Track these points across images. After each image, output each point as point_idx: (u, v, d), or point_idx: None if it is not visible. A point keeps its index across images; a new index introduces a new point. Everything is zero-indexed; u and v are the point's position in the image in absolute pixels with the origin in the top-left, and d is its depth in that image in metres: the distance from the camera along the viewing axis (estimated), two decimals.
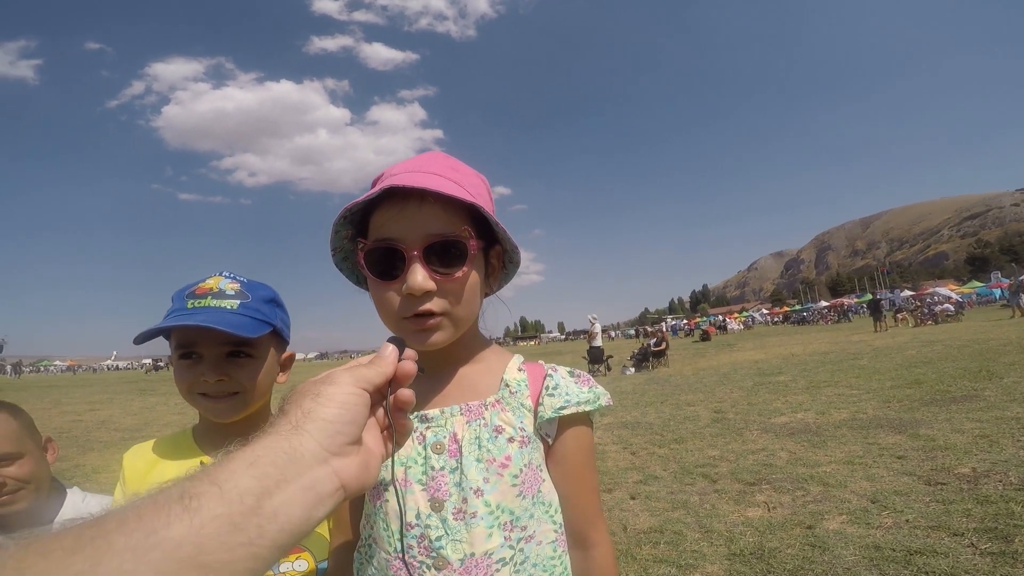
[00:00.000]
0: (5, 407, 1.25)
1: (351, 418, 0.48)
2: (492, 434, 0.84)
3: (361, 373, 0.52)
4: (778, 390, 9.53)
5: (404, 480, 0.83)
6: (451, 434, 0.84)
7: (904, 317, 28.16)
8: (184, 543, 0.35)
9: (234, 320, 1.02)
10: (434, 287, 0.78)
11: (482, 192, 0.88)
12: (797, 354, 16.36)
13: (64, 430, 10.14)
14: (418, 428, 0.86)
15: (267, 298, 1.12)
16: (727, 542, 3.53)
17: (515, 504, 0.82)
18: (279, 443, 0.44)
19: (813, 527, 3.60)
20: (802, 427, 6.48)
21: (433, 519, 0.81)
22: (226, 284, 1.08)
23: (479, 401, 0.87)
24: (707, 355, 20.71)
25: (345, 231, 0.85)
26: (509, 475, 0.82)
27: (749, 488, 4.52)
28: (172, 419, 11.59)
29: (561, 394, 0.88)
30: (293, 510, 0.41)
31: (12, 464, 1.18)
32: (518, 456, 0.83)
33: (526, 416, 0.87)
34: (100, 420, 11.87)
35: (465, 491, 0.81)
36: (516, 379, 0.90)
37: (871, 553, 3.18)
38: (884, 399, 7.58)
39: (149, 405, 14.90)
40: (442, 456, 0.83)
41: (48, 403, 15.93)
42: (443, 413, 0.86)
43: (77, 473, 6.44)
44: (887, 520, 3.60)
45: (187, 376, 1.05)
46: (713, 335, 37.77)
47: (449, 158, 0.89)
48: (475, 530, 0.80)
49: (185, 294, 1.07)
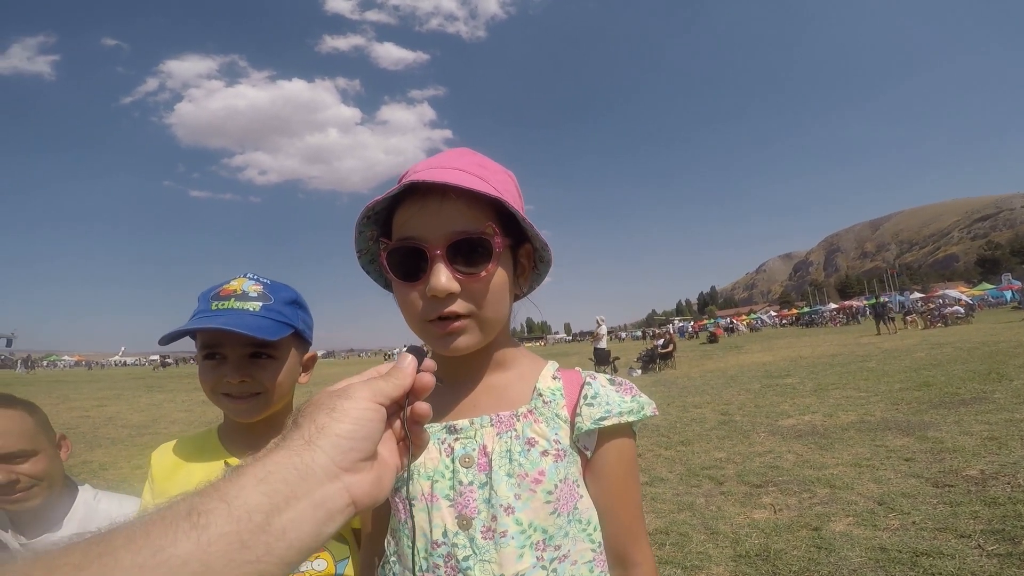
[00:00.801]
0: (21, 404, 1.25)
1: (366, 434, 0.47)
2: (524, 447, 0.78)
3: (379, 386, 0.50)
4: (786, 392, 9.49)
5: (430, 495, 0.78)
6: (481, 446, 0.79)
7: (914, 319, 27.93)
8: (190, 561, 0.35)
9: (255, 322, 1.03)
10: (458, 288, 0.74)
11: (510, 188, 0.83)
12: (805, 356, 16.28)
13: (72, 426, 10.22)
14: (446, 440, 0.81)
15: (289, 300, 1.13)
16: (733, 543, 3.52)
17: (548, 522, 0.76)
18: (291, 458, 0.43)
19: (819, 529, 3.59)
20: (809, 429, 6.45)
21: (461, 537, 0.76)
22: (249, 286, 1.09)
23: (510, 411, 0.81)
24: (714, 357, 20.64)
25: (370, 231, 0.81)
26: (542, 491, 0.76)
27: (755, 490, 4.51)
28: (179, 416, 11.68)
29: (601, 404, 0.81)
30: (303, 527, 0.41)
31: (27, 461, 1.19)
32: (552, 471, 0.77)
33: (561, 428, 0.81)
34: (108, 416, 11.95)
35: (495, 508, 0.75)
36: (550, 388, 0.84)
37: (877, 555, 3.16)
38: (892, 401, 7.54)
39: (156, 402, 15.00)
40: (471, 470, 0.78)
41: (56, 399, 16.06)
42: (472, 424, 0.81)
43: (85, 469, 6.51)
44: (894, 522, 3.59)
45: (211, 376, 1.06)
46: (720, 337, 37.63)
47: (475, 154, 0.85)
48: (505, 550, 0.74)
49: (210, 296, 1.08)
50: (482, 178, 0.77)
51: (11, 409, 1.22)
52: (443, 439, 0.81)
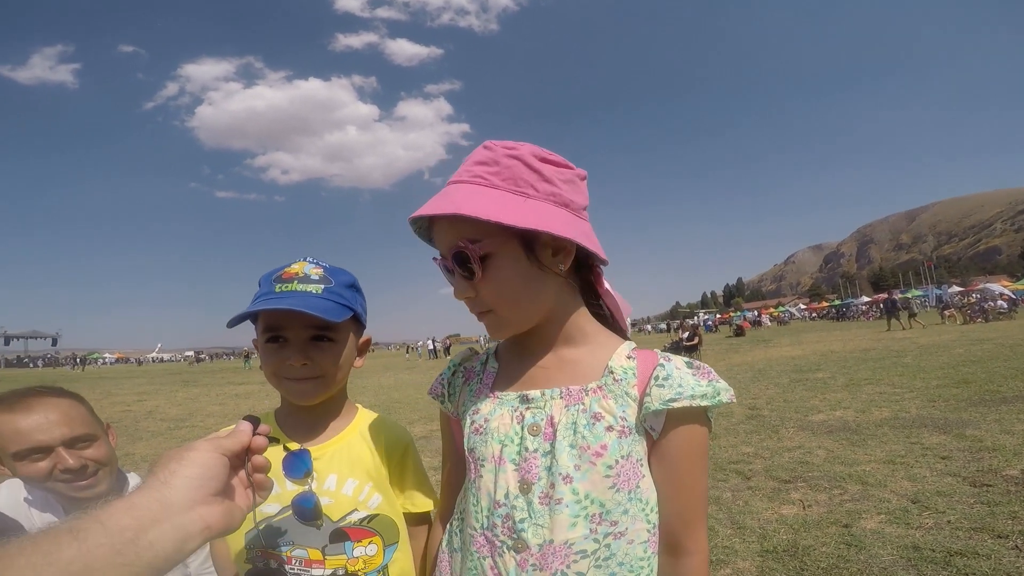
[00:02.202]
0: (70, 394, 1.27)
1: (211, 475, 0.59)
2: (590, 420, 0.81)
3: (219, 443, 0.63)
4: (816, 387, 9.31)
5: (499, 458, 0.84)
6: (548, 417, 0.83)
7: (952, 314, 27.05)
8: (74, 562, 0.45)
9: (320, 304, 1.03)
10: (471, 294, 0.84)
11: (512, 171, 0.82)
12: (836, 351, 15.92)
13: (115, 420, 10.53)
14: (518, 408, 0.87)
15: (348, 283, 1.13)
16: (760, 539, 3.49)
17: (607, 496, 0.79)
18: (152, 494, 0.54)
19: (850, 526, 3.53)
20: (841, 425, 6.32)
21: (520, 501, 0.81)
22: (311, 269, 1.10)
23: (580, 386, 0.85)
24: (741, 351, 20.32)
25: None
26: (603, 464, 0.79)
27: (784, 485, 4.45)
28: (214, 409, 12.01)
29: (672, 385, 0.81)
30: (166, 543, 0.51)
31: (91, 446, 1.20)
32: (615, 446, 0.80)
33: (629, 406, 0.83)
34: (147, 410, 12.34)
35: (554, 476, 0.80)
36: (623, 366, 0.86)
37: (909, 553, 3.10)
38: (929, 398, 7.34)
39: (192, 396, 15.45)
40: (537, 438, 0.83)
41: (100, 393, 16.65)
42: (543, 395, 0.86)
43: (127, 462, 6.67)
44: (928, 521, 3.51)
45: (273, 359, 1.07)
46: (747, 330, 37.01)
47: (490, 149, 0.85)
48: (558, 517, 0.78)
49: (272, 278, 1.09)
50: (480, 180, 0.82)
51: (67, 398, 1.24)
52: (516, 407, 0.87)
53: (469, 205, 0.78)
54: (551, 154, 0.87)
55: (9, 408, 1.16)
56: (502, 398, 0.89)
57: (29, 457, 1.14)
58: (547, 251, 0.83)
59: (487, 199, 0.80)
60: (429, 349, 43.20)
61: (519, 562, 0.79)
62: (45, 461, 1.14)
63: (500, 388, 0.92)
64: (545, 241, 0.83)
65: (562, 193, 0.84)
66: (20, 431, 1.13)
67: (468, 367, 1.01)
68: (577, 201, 0.86)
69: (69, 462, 1.15)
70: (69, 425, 1.18)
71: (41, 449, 1.14)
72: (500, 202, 0.80)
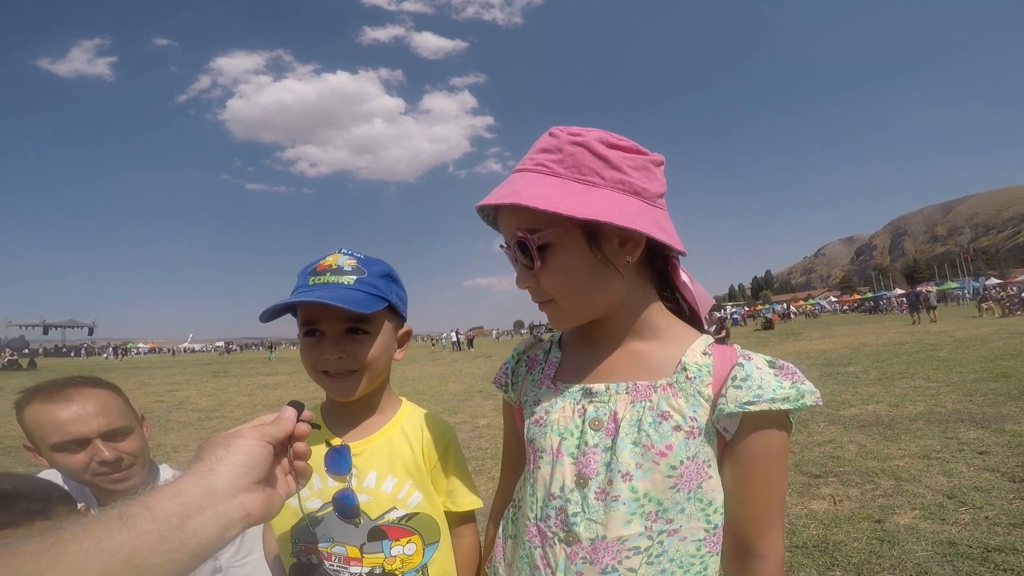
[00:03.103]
0: (108, 385, 1.26)
1: (256, 463, 0.60)
2: (656, 419, 0.78)
3: (265, 430, 0.64)
4: (847, 381, 9.10)
5: (557, 451, 0.83)
6: (612, 412, 0.81)
7: (990, 307, 26.17)
8: (123, 548, 0.47)
9: (350, 295, 1.01)
10: (532, 283, 0.82)
11: (577, 159, 0.79)
12: (869, 344, 15.55)
13: (148, 410, 10.75)
14: (580, 401, 0.85)
15: (383, 273, 1.11)
16: (789, 534, 3.43)
17: (666, 495, 0.77)
18: (198, 481, 0.55)
19: (882, 521, 3.46)
20: (873, 419, 6.18)
21: (575, 494, 0.80)
22: (344, 260, 1.08)
23: (649, 382, 0.81)
24: (770, 344, 19.96)
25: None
26: (666, 464, 0.76)
27: (814, 480, 4.37)
28: (243, 400, 12.25)
29: (751, 387, 0.76)
30: (209, 530, 0.53)
31: (127, 438, 1.20)
32: (682, 447, 0.77)
33: (701, 406, 0.79)
34: (179, 401, 12.63)
35: (613, 473, 0.78)
36: (698, 363, 0.82)
37: (945, 549, 3.02)
38: (966, 392, 7.12)
39: (222, 387, 15.78)
40: (599, 433, 0.81)
41: (133, 384, 17.12)
42: (608, 389, 0.83)
43: (159, 452, 6.83)
44: (964, 516, 3.41)
45: (311, 353, 1.05)
46: (776, 323, 36.36)
47: (553, 136, 0.82)
48: (613, 514, 0.77)
49: (308, 271, 1.08)
50: (545, 169, 0.79)
51: (104, 389, 1.24)
52: (578, 400, 0.85)
53: (528, 194, 0.75)
54: (621, 139, 0.82)
55: (49, 398, 1.16)
56: (564, 390, 0.88)
57: (68, 449, 1.14)
58: (613, 242, 0.79)
59: (548, 188, 0.77)
60: (452, 341, 43.46)
61: (569, 555, 0.79)
62: (82, 453, 1.15)
63: (563, 379, 0.90)
64: (610, 232, 0.78)
65: (632, 181, 0.79)
66: (60, 422, 1.14)
67: (531, 355, 0.99)
68: (651, 189, 0.81)
69: (105, 454, 1.15)
70: (106, 417, 1.18)
71: (79, 441, 1.14)
72: (561, 191, 0.76)
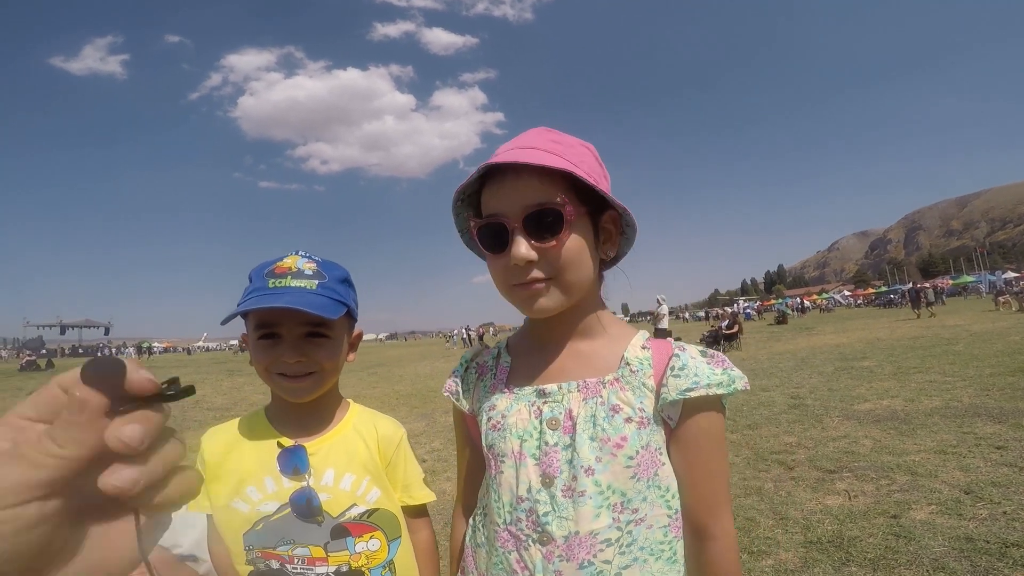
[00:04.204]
0: None
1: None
2: (609, 413, 0.82)
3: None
4: (862, 376, 9.02)
5: (519, 453, 0.85)
6: (567, 410, 0.84)
7: (1007, 301, 25.74)
8: None
9: (316, 301, 1.01)
10: (535, 256, 0.80)
11: (587, 159, 0.86)
12: (883, 338, 15.39)
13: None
14: (535, 402, 0.87)
15: (341, 278, 1.10)
16: (803, 530, 3.42)
17: (627, 486, 0.81)
18: None
19: (898, 517, 3.44)
20: (888, 414, 6.12)
21: (543, 494, 0.82)
22: (304, 264, 1.07)
23: (597, 378, 0.85)
24: (783, 338, 19.82)
25: (466, 212, 0.90)
26: (623, 456, 0.80)
27: (829, 476, 4.34)
28: (257, 399, 12.36)
29: (688, 375, 0.82)
30: None
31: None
32: (635, 437, 0.81)
33: (647, 396, 0.84)
34: (194, 400, 12.76)
35: (576, 469, 0.80)
36: (639, 357, 0.87)
37: (962, 544, 3.00)
38: (982, 387, 7.03)
39: (237, 385, 15.91)
40: (556, 432, 0.83)
41: None
42: (560, 389, 0.86)
43: None
44: (982, 512, 3.38)
45: (266, 356, 1.04)
46: (790, 317, 36.07)
47: (551, 131, 0.89)
48: (582, 509, 0.80)
49: (264, 272, 1.05)
50: (556, 153, 0.81)
51: None
52: (533, 401, 0.87)
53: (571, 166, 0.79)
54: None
55: None
56: (518, 393, 0.90)
57: None
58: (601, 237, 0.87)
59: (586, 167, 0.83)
60: (463, 338, 43.56)
61: (545, 554, 0.80)
62: None
63: (515, 383, 0.92)
64: (607, 227, 0.87)
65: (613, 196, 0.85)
66: None
67: (480, 363, 1.01)
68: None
69: None
70: None
71: None
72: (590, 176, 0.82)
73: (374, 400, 11.09)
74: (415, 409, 9.59)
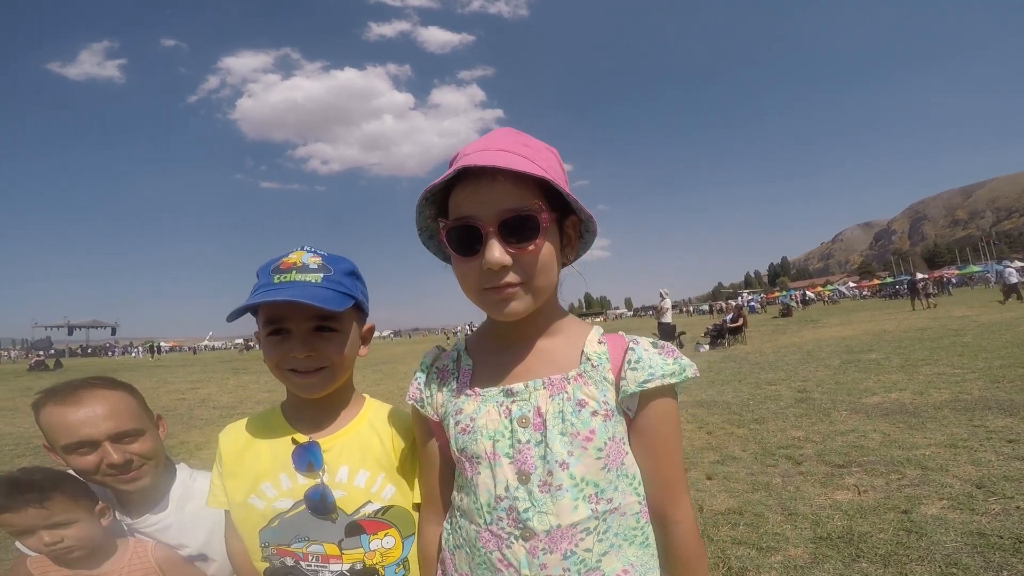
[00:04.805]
0: (122, 385, 1.26)
1: None
2: (575, 408, 0.85)
3: None
4: (869, 369, 8.97)
5: (492, 454, 0.86)
6: (535, 408, 0.86)
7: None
8: None
9: (321, 294, 1.00)
10: (510, 261, 0.81)
11: (553, 164, 0.88)
12: (890, 330, 15.31)
13: (170, 408, 10.97)
14: (504, 402, 0.88)
15: (348, 271, 1.10)
16: (812, 525, 3.39)
17: (600, 476, 0.84)
18: None
19: (909, 512, 3.39)
20: (897, 408, 6.07)
21: (521, 491, 0.84)
22: (309, 258, 1.07)
23: (561, 375, 0.88)
24: (788, 332, 19.74)
25: (428, 211, 0.90)
26: (594, 448, 0.84)
27: (837, 470, 4.30)
28: (263, 396, 12.40)
29: (644, 367, 0.86)
30: None
31: (136, 440, 1.20)
32: (602, 429, 0.84)
33: (608, 390, 0.87)
34: (201, 398, 12.80)
35: (550, 464, 0.83)
36: (597, 352, 0.90)
37: (974, 540, 2.96)
38: (992, 379, 6.97)
39: (243, 383, 15.97)
40: (527, 430, 0.85)
41: (156, 382, 17.42)
42: (527, 387, 0.88)
43: (182, 450, 6.86)
44: (994, 506, 3.34)
45: (276, 352, 1.04)
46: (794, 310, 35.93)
47: (519, 133, 0.90)
48: (561, 502, 0.82)
49: (271, 268, 1.06)
50: (527, 157, 0.83)
51: (117, 390, 1.24)
52: (501, 402, 0.89)
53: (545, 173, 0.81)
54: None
55: (61, 401, 1.17)
56: (484, 395, 0.91)
57: (78, 450, 1.15)
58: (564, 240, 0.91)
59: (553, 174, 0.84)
60: (466, 335, 43.62)
61: (529, 549, 0.83)
62: (93, 455, 1.15)
63: (480, 385, 0.93)
64: (568, 232, 0.90)
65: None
66: (69, 425, 1.14)
67: (441, 367, 1.00)
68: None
69: (114, 457, 1.16)
70: (116, 419, 1.18)
71: (88, 443, 1.15)
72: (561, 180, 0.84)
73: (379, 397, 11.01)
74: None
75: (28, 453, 6.94)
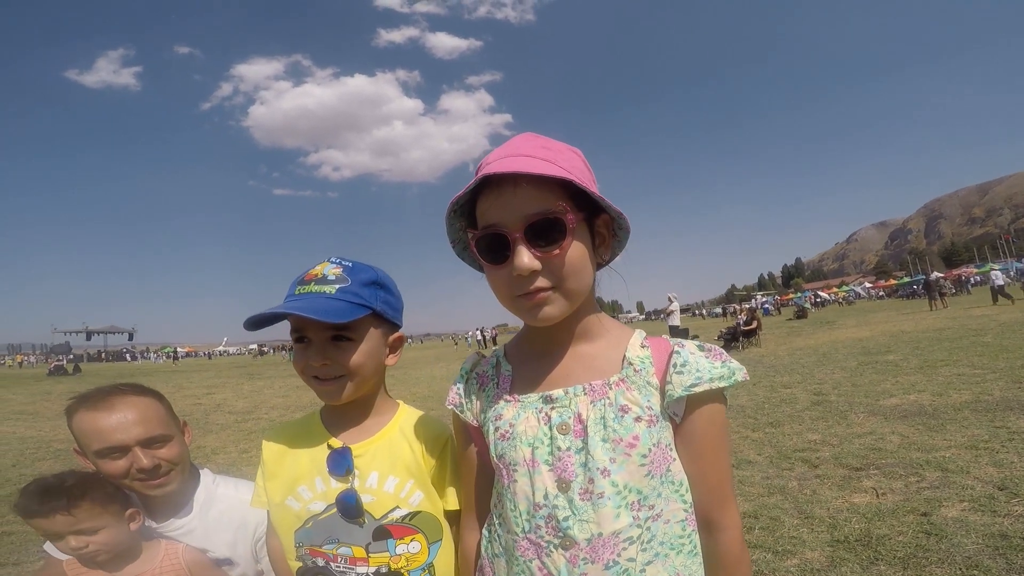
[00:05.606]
0: (151, 392, 1.29)
1: None
2: (618, 414, 0.83)
3: None
4: (887, 370, 8.84)
5: (531, 461, 0.85)
6: (576, 414, 0.85)
7: None
8: None
9: (327, 305, 1.03)
10: (539, 266, 0.81)
11: (577, 164, 0.87)
12: (908, 331, 15.09)
13: (187, 413, 11.05)
14: (543, 408, 0.88)
15: (367, 281, 1.11)
16: (830, 528, 3.34)
17: (643, 483, 0.82)
18: None
19: (929, 514, 3.34)
20: (916, 409, 5.98)
21: (560, 499, 0.83)
22: (330, 270, 1.09)
23: (602, 380, 0.86)
24: (803, 333, 19.53)
25: (459, 223, 0.91)
26: (637, 455, 0.81)
27: (855, 473, 4.25)
28: (278, 402, 12.50)
29: (691, 371, 0.84)
30: None
31: (164, 446, 1.23)
32: (646, 436, 0.82)
33: (653, 395, 0.85)
34: (216, 403, 12.92)
35: (591, 471, 0.81)
36: (640, 356, 0.88)
37: (996, 542, 2.91)
38: (1014, 379, 6.85)
39: (257, 388, 16.10)
40: (568, 436, 0.84)
41: (172, 387, 17.60)
42: (567, 393, 0.87)
43: (198, 454, 6.89)
44: (1017, 508, 3.28)
45: (300, 359, 1.08)
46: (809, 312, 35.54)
47: (540, 137, 0.89)
48: (602, 510, 0.81)
49: (297, 280, 1.10)
50: (549, 160, 0.82)
51: (146, 396, 1.27)
52: (540, 408, 0.88)
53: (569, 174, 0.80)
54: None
55: (93, 407, 1.20)
56: (523, 401, 0.90)
57: (109, 455, 1.18)
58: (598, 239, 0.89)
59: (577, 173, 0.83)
60: (478, 339, 43.62)
61: (569, 559, 0.81)
62: (123, 460, 1.18)
63: (519, 391, 0.92)
64: (601, 231, 0.88)
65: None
66: (101, 430, 1.17)
67: (480, 372, 1.01)
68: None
69: (144, 462, 1.18)
70: (146, 425, 1.21)
71: (119, 448, 1.17)
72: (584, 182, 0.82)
73: None
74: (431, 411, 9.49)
75: (49, 457, 7.01)
